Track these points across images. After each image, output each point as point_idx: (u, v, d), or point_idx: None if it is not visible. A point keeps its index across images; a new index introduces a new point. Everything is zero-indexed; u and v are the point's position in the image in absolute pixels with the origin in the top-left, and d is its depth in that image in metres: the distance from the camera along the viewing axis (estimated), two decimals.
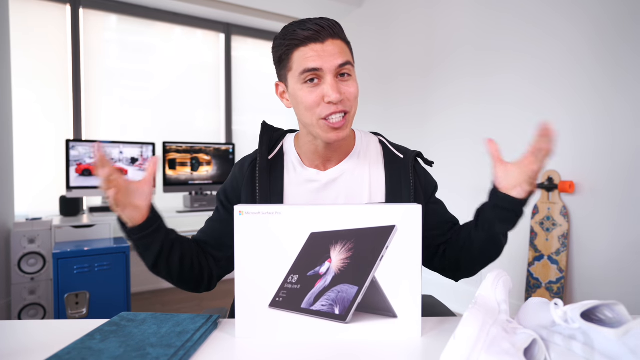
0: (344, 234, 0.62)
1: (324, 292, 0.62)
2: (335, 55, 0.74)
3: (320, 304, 0.62)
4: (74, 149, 2.42)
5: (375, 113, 3.20)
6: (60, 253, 1.93)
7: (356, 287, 0.61)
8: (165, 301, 2.78)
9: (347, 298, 0.61)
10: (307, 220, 0.62)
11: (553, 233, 2.01)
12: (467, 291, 2.41)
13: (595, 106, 1.87)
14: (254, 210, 0.62)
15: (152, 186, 0.74)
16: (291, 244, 0.62)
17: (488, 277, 0.58)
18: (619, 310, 0.48)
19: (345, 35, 0.79)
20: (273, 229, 0.62)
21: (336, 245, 0.62)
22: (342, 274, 0.61)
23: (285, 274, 0.62)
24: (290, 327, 0.61)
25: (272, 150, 0.88)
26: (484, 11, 2.38)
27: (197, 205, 2.76)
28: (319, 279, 0.62)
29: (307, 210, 0.62)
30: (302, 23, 0.75)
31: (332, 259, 0.62)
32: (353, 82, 0.78)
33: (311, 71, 0.74)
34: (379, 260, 0.61)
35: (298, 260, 0.62)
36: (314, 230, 0.62)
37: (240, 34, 3.55)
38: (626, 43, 1.76)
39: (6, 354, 0.55)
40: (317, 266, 0.62)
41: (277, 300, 0.62)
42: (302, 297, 0.62)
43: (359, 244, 0.61)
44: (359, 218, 0.61)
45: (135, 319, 0.65)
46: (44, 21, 2.73)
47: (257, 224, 0.62)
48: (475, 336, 0.45)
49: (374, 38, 3.20)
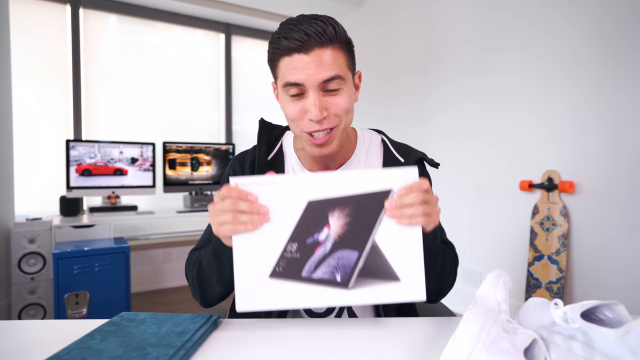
0: (342, 200, 0.62)
1: (324, 259, 0.61)
2: (320, 69, 0.68)
3: (321, 271, 0.61)
4: (74, 149, 2.42)
5: (375, 112, 3.20)
6: (60, 253, 1.93)
7: (357, 252, 0.61)
8: (165, 301, 2.78)
9: (348, 264, 0.61)
10: (303, 189, 0.61)
11: (553, 233, 2.01)
12: (467, 291, 2.41)
13: (596, 106, 1.87)
14: (249, 181, 0.62)
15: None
16: (288, 213, 0.61)
17: (488, 277, 0.58)
18: (619, 310, 0.48)
19: (342, 36, 0.71)
20: (269, 199, 0.62)
21: (334, 212, 0.61)
22: (342, 240, 0.61)
23: (284, 244, 0.61)
24: (291, 296, 0.61)
25: (272, 149, 0.86)
26: (484, 10, 2.38)
27: (197, 205, 2.76)
28: (318, 246, 0.61)
29: (302, 178, 0.62)
30: (289, 29, 0.68)
31: (331, 225, 0.62)
32: (343, 94, 0.72)
33: (293, 85, 0.70)
34: (378, 223, 0.61)
35: (296, 229, 0.62)
36: (310, 199, 0.61)
37: (240, 34, 3.55)
38: (627, 42, 1.76)
39: (6, 354, 0.55)
40: (316, 233, 0.61)
41: (277, 270, 0.61)
42: (303, 266, 0.61)
43: (356, 209, 0.61)
44: (355, 184, 0.61)
45: (135, 319, 0.65)
46: (44, 21, 2.73)
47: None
48: (475, 336, 0.45)
49: (374, 37, 3.20)
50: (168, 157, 2.78)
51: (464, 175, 2.50)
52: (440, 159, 0.95)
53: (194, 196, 2.77)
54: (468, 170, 2.49)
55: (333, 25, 0.70)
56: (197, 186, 2.87)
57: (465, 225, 2.49)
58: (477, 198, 2.44)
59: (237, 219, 0.61)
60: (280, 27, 0.72)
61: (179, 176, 2.82)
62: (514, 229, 2.23)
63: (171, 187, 2.79)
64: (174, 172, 2.80)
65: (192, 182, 2.86)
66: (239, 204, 0.61)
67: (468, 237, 2.47)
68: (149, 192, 2.67)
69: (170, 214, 2.62)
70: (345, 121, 0.75)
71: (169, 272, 3.07)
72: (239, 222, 0.61)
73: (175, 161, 2.80)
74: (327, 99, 0.71)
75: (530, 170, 2.15)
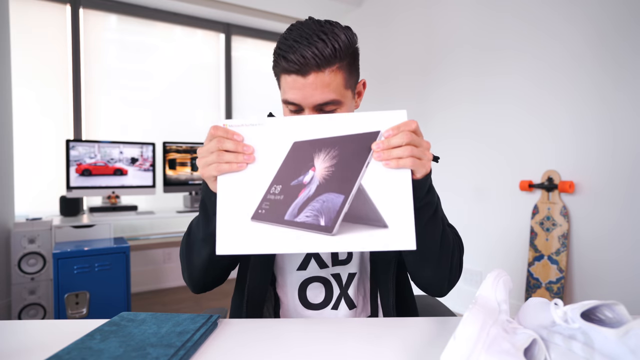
0: (328, 141, 0.60)
1: (308, 202, 0.59)
2: (316, 93, 0.69)
3: (304, 214, 0.58)
4: (74, 149, 2.42)
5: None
6: (60, 253, 1.93)
7: (342, 196, 0.57)
8: (165, 301, 2.78)
9: (333, 208, 0.57)
10: (290, 131, 0.61)
11: (553, 233, 2.01)
12: (467, 291, 2.41)
13: (596, 106, 1.87)
14: (237, 123, 0.62)
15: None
16: (274, 154, 0.60)
17: (488, 277, 0.58)
18: (619, 310, 0.48)
19: (341, 54, 0.69)
20: (256, 140, 0.61)
21: (320, 153, 0.60)
22: (327, 183, 0.59)
23: (267, 185, 0.60)
24: (273, 241, 0.58)
25: None
26: (483, 10, 2.38)
27: (197, 205, 2.75)
28: (302, 189, 0.60)
29: (290, 120, 0.61)
30: (288, 50, 0.68)
31: (316, 167, 0.60)
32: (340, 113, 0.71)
33: (291, 104, 0.71)
34: (365, 166, 0.58)
35: (281, 170, 0.60)
36: (296, 139, 0.60)
37: (240, 34, 3.55)
38: (626, 42, 1.76)
39: (6, 354, 0.55)
40: (301, 175, 0.60)
41: (260, 212, 0.59)
42: (286, 208, 0.59)
43: (343, 150, 0.59)
44: (343, 126, 0.60)
45: (135, 318, 0.65)
46: (44, 21, 2.73)
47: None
48: (475, 336, 0.45)
49: (374, 37, 3.20)
50: (168, 157, 2.78)
51: (464, 176, 2.50)
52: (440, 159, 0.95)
53: (194, 196, 2.77)
54: (468, 171, 2.49)
55: (333, 44, 0.68)
56: (197, 186, 2.87)
57: (465, 226, 2.49)
58: (477, 198, 2.44)
59: (221, 158, 0.60)
60: (285, 37, 0.70)
61: (179, 176, 2.82)
62: (514, 229, 2.23)
63: (171, 187, 2.79)
64: (174, 172, 2.80)
65: (192, 182, 2.86)
66: (224, 143, 0.60)
67: (468, 237, 2.46)
68: (149, 192, 2.67)
69: (170, 214, 2.62)
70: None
71: (169, 272, 3.07)
72: (224, 161, 0.60)
73: (175, 161, 2.80)
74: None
75: (530, 170, 2.15)
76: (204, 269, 0.74)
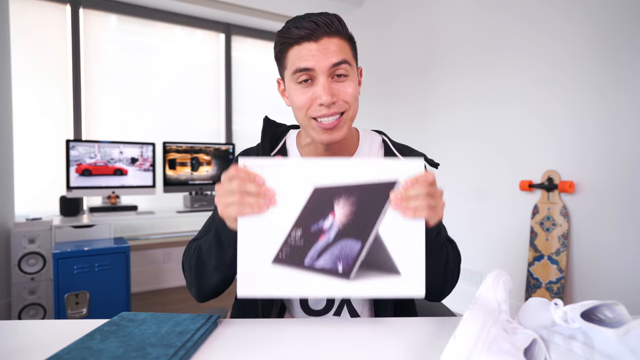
0: (348, 188, 0.61)
1: (328, 248, 0.61)
2: (329, 55, 0.71)
3: (323, 260, 0.61)
4: (74, 149, 2.42)
5: (375, 112, 3.20)
6: (60, 253, 1.93)
7: (360, 243, 0.60)
8: (165, 301, 2.78)
9: (351, 254, 0.60)
10: (310, 174, 0.61)
11: (553, 233, 2.01)
12: (467, 291, 2.41)
13: (596, 106, 1.87)
14: (257, 163, 0.62)
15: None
16: (294, 198, 0.61)
17: (488, 277, 0.58)
18: (619, 310, 0.48)
19: (347, 30, 0.76)
20: (276, 182, 0.61)
21: (339, 200, 0.61)
22: (346, 229, 0.61)
23: (288, 230, 0.61)
24: (293, 285, 0.60)
25: (275, 146, 0.86)
26: (483, 11, 2.38)
27: (197, 205, 2.76)
28: (322, 234, 0.61)
29: (310, 163, 0.62)
30: (298, 20, 0.72)
31: (336, 213, 0.61)
32: (350, 82, 0.75)
33: (303, 71, 0.72)
34: (382, 214, 0.60)
35: (301, 215, 0.61)
36: (316, 184, 0.61)
37: (240, 34, 3.55)
38: (627, 42, 1.76)
39: (6, 354, 0.55)
40: (321, 221, 0.61)
41: (280, 257, 0.61)
42: (306, 253, 0.61)
43: (362, 198, 0.61)
44: (362, 172, 0.61)
45: (135, 319, 0.65)
46: (44, 21, 2.73)
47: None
48: (475, 336, 0.45)
49: (374, 37, 3.20)
50: (168, 157, 2.78)
51: (464, 176, 2.50)
52: (440, 159, 0.96)
53: (194, 196, 2.77)
54: (468, 171, 2.49)
55: (339, 19, 0.74)
56: (197, 186, 2.87)
57: (465, 226, 2.49)
58: (477, 198, 2.44)
59: (243, 200, 0.61)
60: (287, 22, 0.75)
61: (179, 176, 2.82)
62: (514, 229, 2.23)
63: (171, 187, 2.79)
64: (174, 172, 2.80)
65: (192, 182, 2.86)
66: (246, 186, 0.61)
67: (468, 237, 2.47)
68: (149, 192, 2.67)
69: (170, 214, 2.62)
70: (353, 108, 0.77)
71: (169, 272, 3.07)
72: (245, 204, 0.61)
73: (175, 161, 2.80)
74: (335, 85, 0.74)
75: (530, 170, 2.15)
76: (214, 290, 0.77)
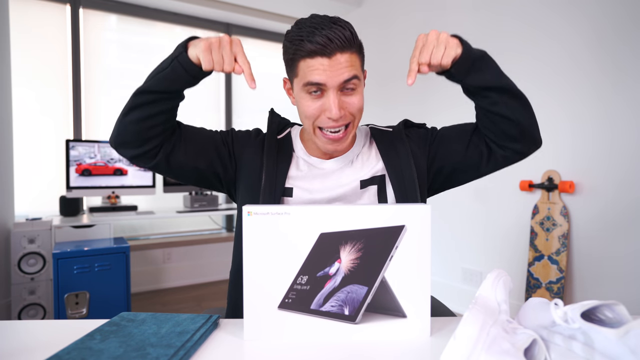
0: (354, 234, 0.62)
1: (334, 293, 0.61)
2: (341, 71, 0.73)
3: (329, 304, 0.61)
4: (74, 149, 2.42)
5: (374, 113, 3.20)
6: (60, 253, 1.92)
7: (366, 288, 0.61)
8: (165, 301, 2.78)
9: (357, 298, 0.61)
10: (316, 220, 0.61)
11: (553, 233, 2.01)
12: (467, 291, 2.41)
13: (595, 106, 1.87)
14: (262, 211, 0.61)
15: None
16: (300, 244, 0.61)
17: (488, 277, 0.58)
18: (619, 310, 0.48)
19: (357, 39, 0.77)
20: (282, 229, 0.61)
21: (346, 246, 0.61)
22: (352, 275, 0.61)
23: (294, 275, 0.61)
24: (299, 329, 0.61)
25: (280, 134, 0.92)
26: (482, 12, 2.38)
27: (197, 205, 2.76)
28: (328, 280, 0.62)
29: (316, 210, 0.62)
30: (312, 33, 0.72)
31: (342, 259, 0.62)
32: (357, 94, 0.78)
33: (315, 85, 0.74)
34: (389, 260, 0.61)
35: (307, 261, 0.61)
36: (323, 230, 0.61)
37: (240, 34, 3.55)
38: (625, 44, 1.77)
39: (6, 354, 0.55)
40: (327, 267, 0.62)
41: (287, 302, 0.61)
42: (312, 298, 0.61)
43: (368, 244, 0.61)
44: (368, 218, 0.61)
45: (135, 319, 0.65)
46: (44, 21, 2.73)
47: (266, 224, 0.61)
48: (476, 336, 0.45)
49: (374, 38, 3.20)
50: None
51: None
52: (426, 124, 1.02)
53: (194, 196, 2.77)
54: None
55: (350, 30, 0.75)
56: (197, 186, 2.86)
57: (465, 226, 2.49)
58: (477, 198, 2.44)
59: (219, 56, 0.78)
60: (299, 27, 0.75)
61: None
62: (514, 229, 2.23)
63: (171, 187, 2.79)
64: None
65: None
66: (228, 49, 0.77)
67: (468, 237, 2.47)
68: (149, 192, 2.67)
69: (170, 214, 2.62)
70: (358, 119, 0.81)
71: (169, 272, 3.07)
72: (219, 57, 0.78)
73: None
74: (344, 98, 0.76)
75: (530, 170, 2.15)
76: (144, 120, 0.83)
